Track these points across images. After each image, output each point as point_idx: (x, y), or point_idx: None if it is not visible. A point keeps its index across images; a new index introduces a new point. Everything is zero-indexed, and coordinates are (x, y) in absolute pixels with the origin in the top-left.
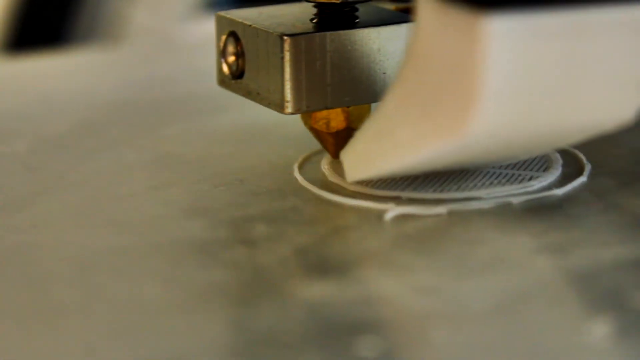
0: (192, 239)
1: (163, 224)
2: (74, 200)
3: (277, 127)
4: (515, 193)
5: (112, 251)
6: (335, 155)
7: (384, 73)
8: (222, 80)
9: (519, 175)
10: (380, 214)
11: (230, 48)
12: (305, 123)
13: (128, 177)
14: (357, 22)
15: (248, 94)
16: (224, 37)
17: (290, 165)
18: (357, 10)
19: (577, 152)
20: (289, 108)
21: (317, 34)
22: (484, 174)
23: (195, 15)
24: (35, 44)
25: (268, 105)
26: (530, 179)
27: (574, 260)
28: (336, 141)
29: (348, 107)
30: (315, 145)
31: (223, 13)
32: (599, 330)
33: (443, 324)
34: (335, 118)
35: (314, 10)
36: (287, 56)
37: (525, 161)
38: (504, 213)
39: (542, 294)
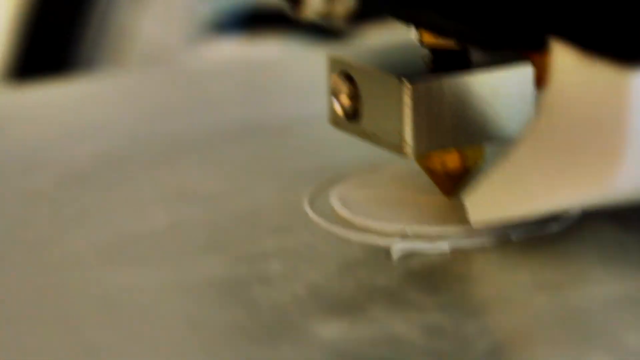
0: (213, 277)
1: (184, 261)
2: (97, 238)
3: (287, 160)
4: (513, 226)
5: (137, 291)
6: (449, 194)
7: (497, 114)
8: (335, 121)
9: None
10: (387, 250)
11: (343, 88)
12: (420, 163)
13: (148, 213)
14: (470, 63)
15: (364, 135)
16: (335, 77)
17: (301, 199)
18: (469, 51)
19: None
20: (409, 151)
21: (437, 79)
22: None
23: (201, 38)
24: (38, 71)
25: (386, 147)
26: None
27: (569, 298)
28: (451, 181)
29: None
30: (323, 177)
31: (335, 55)
32: None
33: None
34: (451, 158)
35: (427, 51)
36: (407, 101)
37: None
38: (504, 249)
39: (540, 332)
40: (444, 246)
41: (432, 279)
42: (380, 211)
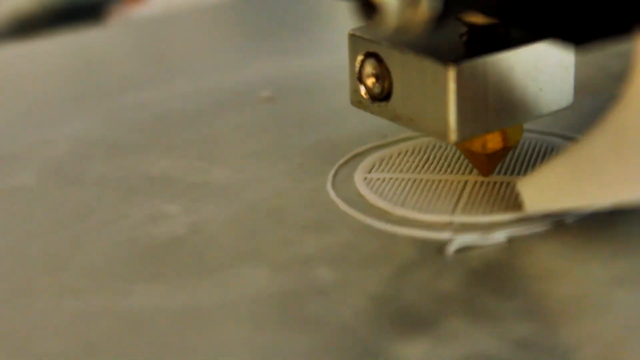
0: (260, 292)
1: (221, 274)
2: (115, 250)
3: (286, 135)
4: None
5: (183, 311)
6: (487, 174)
7: (540, 89)
8: (358, 101)
9: None
10: (437, 244)
11: (369, 69)
12: (459, 144)
13: (161, 213)
14: (510, 39)
15: (396, 118)
16: (360, 58)
17: (322, 185)
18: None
19: None
20: (454, 137)
21: (479, 59)
22: None
23: None
24: None
25: (425, 132)
26: None
27: None
28: (491, 161)
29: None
30: (334, 155)
31: (358, 33)
32: None
33: None
34: (493, 139)
35: (462, 28)
36: (452, 86)
37: None
38: (560, 234)
39: (637, 337)
40: (500, 237)
41: (500, 278)
42: (417, 198)
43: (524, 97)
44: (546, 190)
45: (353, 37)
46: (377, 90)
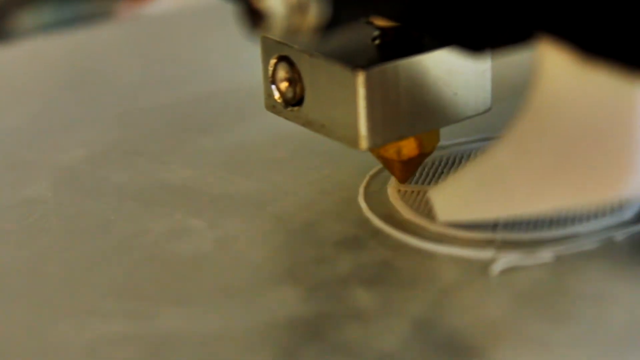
0: (293, 317)
1: (251, 295)
2: (136, 267)
3: (300, 141)
4: (612, 225)
5: (211, 336)
6: (403, 181)
7: (455, 94)
8: (273, 106)
9: None
10: (480, 263)
11: (282, 73)
12: (373, 151)
13: (184, 227)
14: (423, 42)
15: (308, 125)
16: (273, 62)
17: (353, 197)
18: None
19: None
20: (365, 144)
21: (390, 64)
22: None
23: None
24: None
25: (337, 139)
26: (621, 206)
27: None
28: (406, 168)
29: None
30: (370, 165)
31: (271, 37)
32: None
33: None
34: (407, 145)
35: (374, 32)
36: (361, 91)
37: None
38: (611, 254)
39: None
40: (547, 256)
41: (548, 301)
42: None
43: (438, 102)
44: (455, 200)
45: (265, 40)
46: (289, 94)
